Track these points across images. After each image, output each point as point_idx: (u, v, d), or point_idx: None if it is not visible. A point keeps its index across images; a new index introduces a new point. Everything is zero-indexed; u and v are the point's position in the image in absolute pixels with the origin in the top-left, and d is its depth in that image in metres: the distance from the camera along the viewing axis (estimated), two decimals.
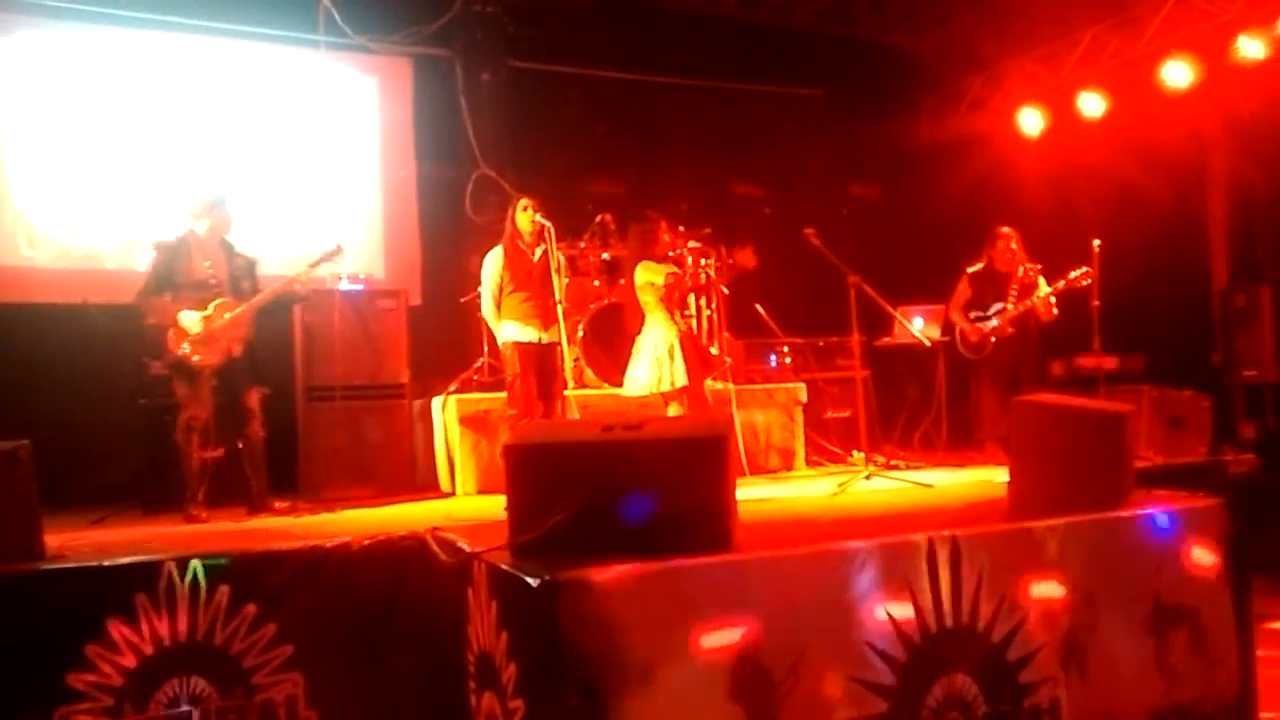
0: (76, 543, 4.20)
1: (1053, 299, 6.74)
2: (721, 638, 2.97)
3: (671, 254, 6.39)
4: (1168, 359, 8.12)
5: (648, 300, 6.09)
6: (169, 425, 5.41)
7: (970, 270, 7.14)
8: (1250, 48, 7.44)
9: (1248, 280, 8.28)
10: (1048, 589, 3.49)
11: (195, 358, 5.25)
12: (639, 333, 6.06)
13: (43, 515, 3.85)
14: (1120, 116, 8.48)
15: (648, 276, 6.08)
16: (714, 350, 6.78)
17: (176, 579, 3.56)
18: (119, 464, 6.20)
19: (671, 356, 5.94)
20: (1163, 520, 3.75)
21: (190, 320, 5.27)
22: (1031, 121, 9.14)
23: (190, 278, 5.36)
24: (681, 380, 5.95)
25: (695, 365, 6.03)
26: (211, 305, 5.33)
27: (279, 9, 7.49)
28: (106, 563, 3.59)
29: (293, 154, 7.82)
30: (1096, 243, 6.52)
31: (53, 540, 3.96)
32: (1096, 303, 6.61)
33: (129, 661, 3.48)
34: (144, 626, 3.51)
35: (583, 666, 2.79)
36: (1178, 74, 7.90)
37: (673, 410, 6.02)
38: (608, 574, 2.85)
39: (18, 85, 7.05)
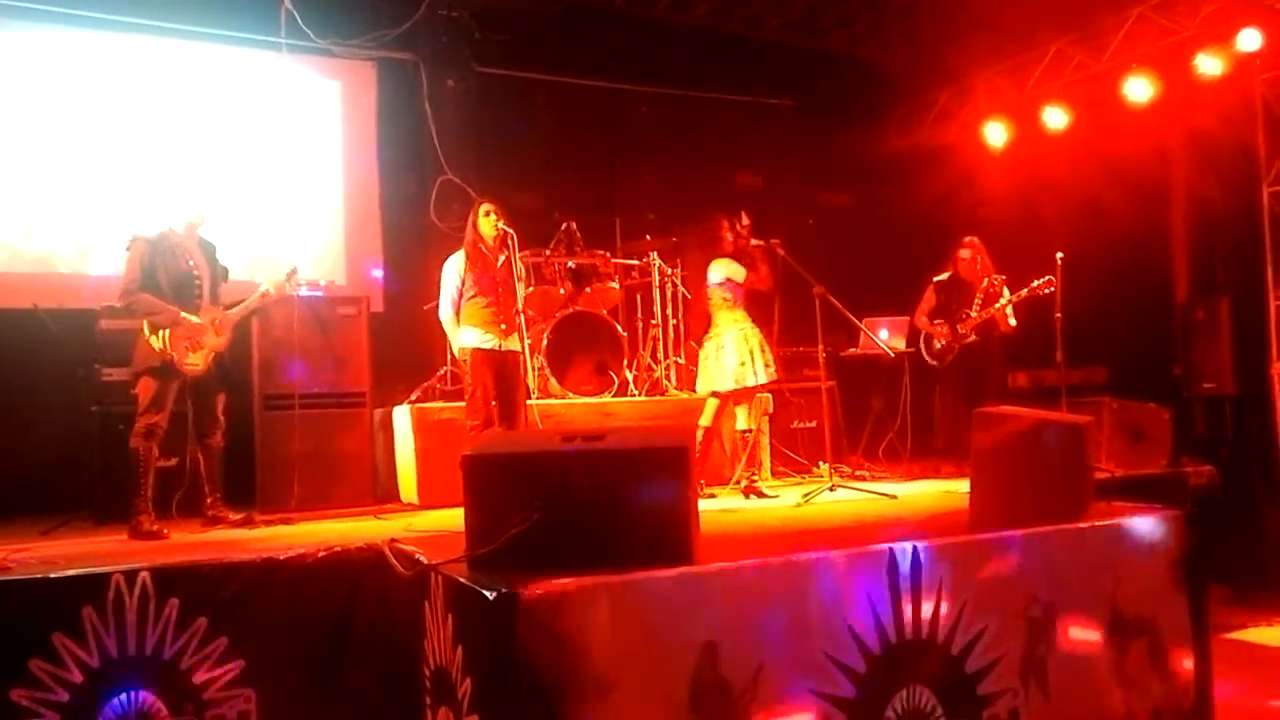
0: (23, 554, 4.14)
1: (1009, 309, 6.80)
2: (680, 650, 2.94)
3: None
4: (1130, 371, 8.19)
5: (725, 298, 6.05)
6: (123, 433, 5.27)
7: (936, 279, 7.21)
8: (1209, 64, 7.55)
9: (1207, 294, 8.37)
10: (1007, 601, 3.49)
11: (188, 361, 5.09)
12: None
13: None
14: (1083, 130, 8.57)
15: (726, 272, 6.05)
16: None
17: (125, 591, 3.49)
18: (70, 473, 6.05)
19: (759, 352, 5.96)
20: (1122, 531, 3.78)
21: (195, 322, 5.12)
22: (997, 134, 9.22)
23: (174, 274, 5.16)
24: (764, 377, 5.95)
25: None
26: (202, 310, 5.20)
27: (239, 11, 7.38)
28: (52, 575, 3.51)
29: (254, 158, 7.71)
30: (1060, 255, 6.59)
31: None
32: (1059, 315, 6.69)
33: (75, 676, 3.41)
34: (91, 640, 3.43)
35: (539, 680, 2.75)
36: (1139, 89, 8.00)
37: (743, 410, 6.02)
38: (566, 586, 2.82)
39: None
